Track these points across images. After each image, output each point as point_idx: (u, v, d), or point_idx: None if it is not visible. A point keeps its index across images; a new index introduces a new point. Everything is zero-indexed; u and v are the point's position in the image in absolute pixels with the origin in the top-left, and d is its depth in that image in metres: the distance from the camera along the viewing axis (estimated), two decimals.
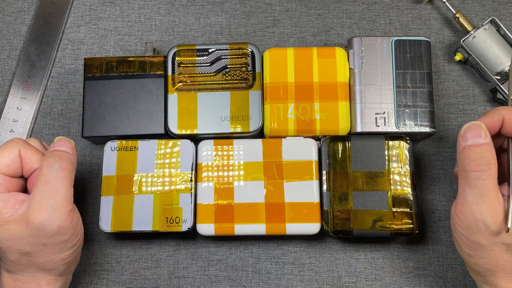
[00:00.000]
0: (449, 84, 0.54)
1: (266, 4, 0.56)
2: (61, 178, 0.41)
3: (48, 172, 0.40)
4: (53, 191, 0.40)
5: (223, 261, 0.50)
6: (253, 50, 0.50)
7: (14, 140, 0.43)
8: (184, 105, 0.49)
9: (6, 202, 0.41)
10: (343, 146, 0.48)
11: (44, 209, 0.39)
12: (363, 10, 0.55)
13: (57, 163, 0.41)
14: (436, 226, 0.50)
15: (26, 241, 0.40)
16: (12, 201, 0.41)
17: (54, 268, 0.42)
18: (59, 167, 0.41)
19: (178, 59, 0.50)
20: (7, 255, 0.41)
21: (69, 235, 0.41)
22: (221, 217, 0.47)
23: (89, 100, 0.49)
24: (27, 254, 0.40)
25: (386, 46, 0.50)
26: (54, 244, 0.40)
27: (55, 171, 0.40)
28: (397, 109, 0.48)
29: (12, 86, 0.53)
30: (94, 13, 0.56)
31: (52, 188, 0.40)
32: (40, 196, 0.40)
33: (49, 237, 0.40)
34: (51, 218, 0.39)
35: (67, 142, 0.43)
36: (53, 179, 0.40)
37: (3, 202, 0.41)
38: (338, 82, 0.49)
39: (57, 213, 0.40)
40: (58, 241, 0.40)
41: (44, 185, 0.40)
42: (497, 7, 0.55)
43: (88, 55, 0.55)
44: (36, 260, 0.41)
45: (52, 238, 0.40)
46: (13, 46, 0.55)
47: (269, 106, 0.49)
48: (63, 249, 0.41)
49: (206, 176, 0.48)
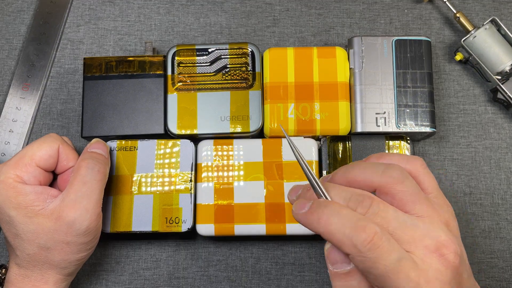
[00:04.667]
0: (450, 84, 0.54)
1: (266, 4, 0.56)
2: (97, 181, 0.43)
3: (86, 173, 0.42)
4: (88, 192, 0.42)
5: (223, 261, 0.50)
6: (253, 50, 0.50)
7: (53, 136, 0.44)
8: (183, 105, 0.49)
9: (38, 195, 0.42)
10: (343, 146, 0.48)
11: (77, 208, 0.41)
12: (364, 9, 0.55)
13: (96, 166, 0.43)
14: None
15: (50, 236, 0.41)
16: (44, 195, 0.42)
17: (66, 267, 0.43)
18: (97, 170, 0.43)
19: (177, 59, 0.50)
20: (26, 248, 0.42)
21: (92, 236, 0.43)
22: (221, 218, 0.47)
23: (88, 100, 0.49)
24: (46, 249, 0.41)
25: (387, 46, 0.50)
26: (76, 243, 0.42)
27: (93, 173, 0.42)
28: (398, 109, 0.48)
29: (11, 86, 0.53)
30: (94, 12, 0.55)
31: (88, 189, 0.42)
32: (75, 195, 0.41)
33: (74, 236, 0.41)
34: (82, 217, 0.41)
35: (104, 146, 0.46)
36: (90, 181, 0.42)
37: (35, 195, 0.42)
38: (339, 82, 0.49)
39: (88, 214, 0.41)
40: (80, 241, 0.42)
41: (81, 186, 0.42)
42: (497, 6, 0.55)
43: (87, 55, 0.54)
44: (53, 257, 0.42)
45: (77, 237, 0.41)
46: (12, 46, 0.55)
47: (269, 106, 0.49)
48: (82, 249, 0.43)
49: (206, 176, 0.47)
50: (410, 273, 0.30)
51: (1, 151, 0.51)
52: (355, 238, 0.30)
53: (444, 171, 0.52)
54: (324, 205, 0.32)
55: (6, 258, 0.50)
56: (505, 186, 0.51)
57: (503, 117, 0.53)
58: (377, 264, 0.30)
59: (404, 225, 0.31)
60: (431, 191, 0.35)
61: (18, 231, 0.41)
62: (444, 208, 0.34)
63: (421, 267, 0.30)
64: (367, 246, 0.29)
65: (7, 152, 0.51)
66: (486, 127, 0.52)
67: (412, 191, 0.33)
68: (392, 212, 0.31)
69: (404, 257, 0.30)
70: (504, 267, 0.50)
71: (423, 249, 0.31)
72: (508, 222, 0.50)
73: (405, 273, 0.30)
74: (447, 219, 0.34)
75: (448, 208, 0.35)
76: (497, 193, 0.51)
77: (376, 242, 0.30)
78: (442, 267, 0.31)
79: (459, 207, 0.51)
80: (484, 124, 0.53)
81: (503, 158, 0.52)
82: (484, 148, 0.52)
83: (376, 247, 0.30)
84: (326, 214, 0.31)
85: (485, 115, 0.53)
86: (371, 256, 0.30)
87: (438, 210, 0.34)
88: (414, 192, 0.33)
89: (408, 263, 0.30)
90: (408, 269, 0.30)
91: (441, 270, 0.31)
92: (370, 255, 0.30)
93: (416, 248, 0.31)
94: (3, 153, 0.51)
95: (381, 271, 0.30)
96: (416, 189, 0.33)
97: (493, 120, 0.53)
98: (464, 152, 0.52)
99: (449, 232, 0.32)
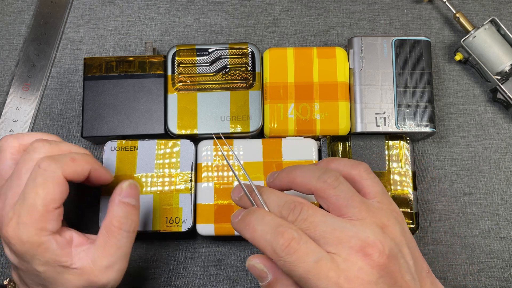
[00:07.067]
0: (449, 84, 0.54)
1: (266, 4, 0.56)
2: (131, 243, 0.40)
3: (121, 237, 0.39)
4: (123, 256, 0.39)
5: (223, 261, 0.50)
6: (253, 50, 0.50)
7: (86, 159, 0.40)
8: (184, 105, 0.49)
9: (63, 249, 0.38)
10: (343, 146, 0.48)
11: (111, 272, 0.38)
12: (363, 10, 0.55)
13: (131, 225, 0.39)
14: (436, 226, 0.50)
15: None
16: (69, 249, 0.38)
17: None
18: (133, 231, 0.40)
19: (178, 59, 0.50)
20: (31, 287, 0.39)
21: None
22: (221, 217, 0.47)
23: (88, 100, 0.49)
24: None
25: (386, 46, 0.50)
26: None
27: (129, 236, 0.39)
28: (397, 109, 0.48)
29: (11, 86, 0.53)
30: (94, 13, 0.56)
31: (122, 252, 0.39)
32: (109, 261, 0.38)
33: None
34: (115, 280, 0.39)
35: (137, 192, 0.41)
36: (125, 245, 0.39)
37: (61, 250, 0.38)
38: (338, 82, 0.49)
39: (119, 275, 0.39)
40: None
41: (116, 250, 0.39)
42: (497, 7, 0.55)
43: (87, 55, 0.54)
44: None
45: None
46: (12, 46, 0.55)
47: (269, 106, 0.49)
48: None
49: (206, 176, 0.47)
50: (329, 273, 0.31)
51: None
52: (274, 243, 0.32)
53: (444, 171, 0.52)
54: (252, 212, 0.34)
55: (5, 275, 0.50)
56: (504, 186, 0.51)
57: (502, 117, 0.53)
58: (296, 266, 0.31)
59: (331, 227, 0.33)
60: (374, 196, 0.36)
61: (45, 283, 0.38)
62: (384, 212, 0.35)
63: (342, 267, 0.31)
64: (284, 251, 0.31)
65: None
66: (486, 127, 0.53)
67: (345, 195, 0.34)
68: (320, 217, 0.33)
69: (322, 258, 0.31)
70: (503, 267, 0.50)
71: (348, 249, 0.32)
72: (508, 222, 0.50)
73: (324, 273, 0.31)
74: (384, 222, 0.34)
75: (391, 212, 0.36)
76: (496, 193, 0.51)
77: (293, 246, 0.31)
78: (367, 266, 0.32)
79: (458, 207, 0.51)
80: (483, 124, 0.53)
81: (503, 158, 0.52)
82: (484, 148, 0.52)
83: (294, 251, 0.31)
84: (252, 221, 0.33)
85: (485, 115, 0.53)
86: (289, 259, 0.31)
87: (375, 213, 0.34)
88: (347, 197, 0.34)
89: (327, 263, 0.31)
90: (327, 269, 0.31)
91: (364, 269, 0.32)
92: (288, 259, 0.31)
93: (342, 249, 0.32)
94: None
95: (301, 273, 0.31)
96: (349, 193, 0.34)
97: (492, 120, 0.53)
98: (463, 152, 0.52)
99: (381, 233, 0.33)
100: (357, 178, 0.36)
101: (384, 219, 0.34)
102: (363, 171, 0.37)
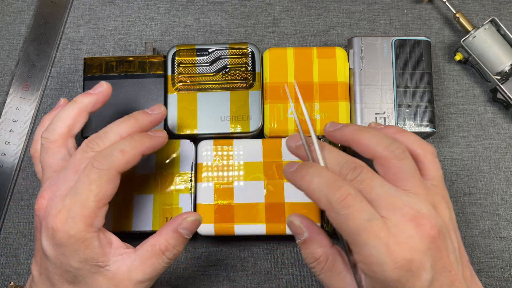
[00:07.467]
0: (449, 84, 0.54)
1: (266, 4, 0.56)
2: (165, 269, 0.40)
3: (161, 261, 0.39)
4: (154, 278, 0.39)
5: (223, 261, 0.50)
6: (253, 50, 0.50)
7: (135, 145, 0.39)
8: (184, 105, 0.49)
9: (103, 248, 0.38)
10: (343, 146, 0.48)
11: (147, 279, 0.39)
12: (363, 10, 0.55)
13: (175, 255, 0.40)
14: None
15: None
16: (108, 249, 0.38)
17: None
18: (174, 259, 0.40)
19: (178, 59, 0.50)
20: (55, 282, 0.38)
21: None
22: (221, 217, 0.47)
23: None
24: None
25: (386, 46, 0.50)
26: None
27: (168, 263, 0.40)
28: (397, 109, 0.48)
29: (11, 86, 0.53)
30: (94, 13, 0.56)
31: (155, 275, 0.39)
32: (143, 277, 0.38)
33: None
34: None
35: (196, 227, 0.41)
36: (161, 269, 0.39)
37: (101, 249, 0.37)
38: (338, 82, 0.49)
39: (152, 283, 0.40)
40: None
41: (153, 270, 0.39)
42: (497, 7, 0.55)
43: (87, 55, 0.54)
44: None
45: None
46: (12, 46, 0.55)
47: (269, 106, 0.49)
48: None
49: (206, 176, 0.47)
50: (380, 233, 0.32)
51: (1, 151, 0.52)
52: (331, 195, 0.33)
53: (444, 171, 0.52)
54: (309, 166, 0.35)
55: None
56: (504, 186, 0.51)
57: (502, 117, 0.53)
58: (349, 221, 0.32)
59: (387, 193, 0.33)
60: (432, 179, 0.37)
61: (75, 281, 0.38)
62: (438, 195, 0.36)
63: (393, 231, 0.32)
64: (340, 203, 0.32)
65: (8, 152, 0.52)
66: (486, 127, 0.53)
67: (407, 169, 0.35)
68: (378, 181, 0.34)
69: (375, 218, 0.32)
70: (503, 266, 0.50)
71: (400, 216, 0.33)
72: (508, 222, 0.50)
73: (375, 233, 0.32)
74: (436, 202, 0.35)
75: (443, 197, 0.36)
76: (496, 193, 0.51)
77: (348, 201, 0.32)
78: (417, 235, 0.32)
79: (458, 207, 0.51)
80: (483, 124, 0.53)
81: (503, 158, 0.52)
82: (484, 148, 0.52)
83: (348, 205, 0.32)
84: (309, 173, 0.34)
85: (485, 115, 0.53)
86: (343, 212, 0.32)
87: (430, 191, 0.35)
88: (408, 171, 0.35)
89: (379, 224, 0.32)
90: (378, 229, 0.32)
91: (415, 238, 0.32)
92: (342, 212, 0.32)
93: (394, 215, 0.33)
94: (3, 153, 0.52)
95: (352, 228, 0.32)
96: (412, 169, 0.35)
97: (492, 120, 0.53)
98: (463, 152, 0.52)
99: (433, 210, 0.34)
100: (422, 158, 0.37)
101: (436, 201, 0.35)
102: (430, 153, 0.37)
